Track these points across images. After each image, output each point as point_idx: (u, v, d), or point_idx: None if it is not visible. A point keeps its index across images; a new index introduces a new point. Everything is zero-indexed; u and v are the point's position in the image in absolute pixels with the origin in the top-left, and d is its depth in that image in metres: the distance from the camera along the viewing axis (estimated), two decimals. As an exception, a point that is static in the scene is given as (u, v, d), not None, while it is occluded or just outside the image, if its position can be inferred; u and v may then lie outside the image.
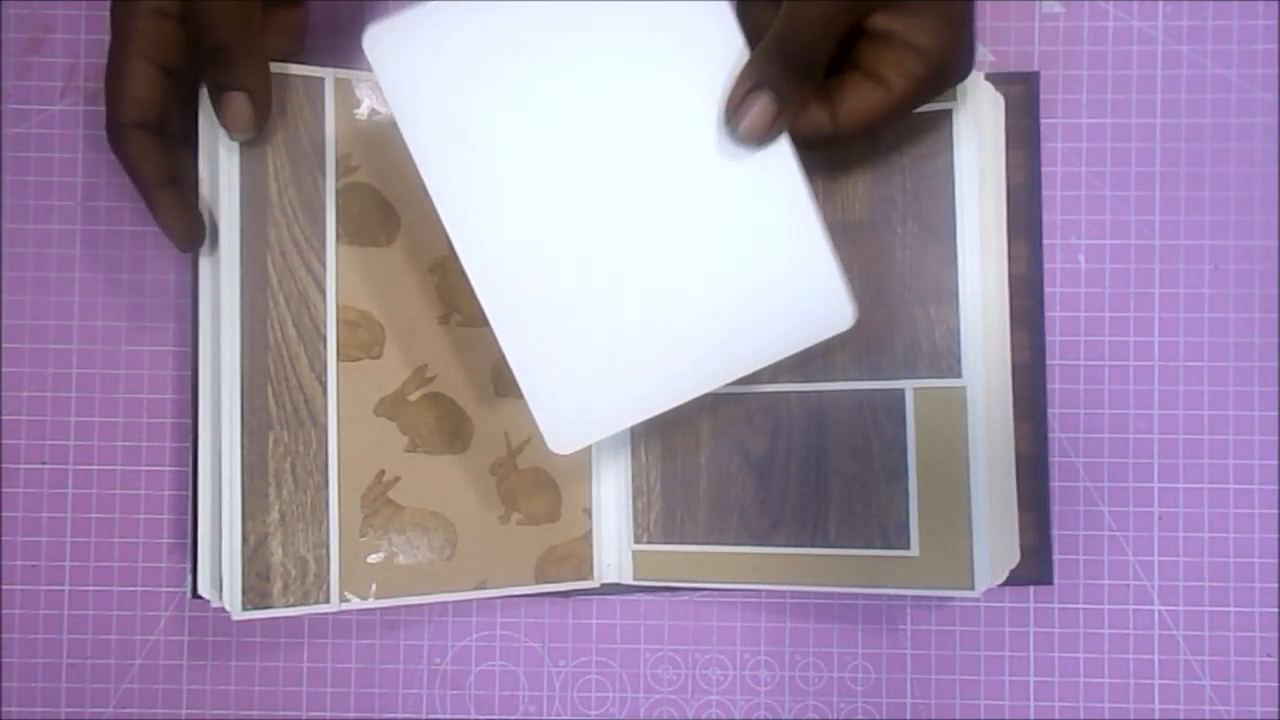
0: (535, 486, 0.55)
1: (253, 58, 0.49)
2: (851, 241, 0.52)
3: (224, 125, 0.49)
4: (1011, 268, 0.54)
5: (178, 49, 0.49)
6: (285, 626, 0.57)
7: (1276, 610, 0.55)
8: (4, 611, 0.57)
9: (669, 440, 0.55)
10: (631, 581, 0.56)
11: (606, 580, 0.56)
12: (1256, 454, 0.55)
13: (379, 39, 0.46)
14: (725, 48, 0.47)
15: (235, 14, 0.47)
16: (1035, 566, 0.55)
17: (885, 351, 0.52)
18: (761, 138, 0.47)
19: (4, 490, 0.57)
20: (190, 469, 0.51)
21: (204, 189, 0.50)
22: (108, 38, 0.49)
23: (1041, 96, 0.56)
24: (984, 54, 0.56)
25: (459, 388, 0.54)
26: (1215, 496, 0.55)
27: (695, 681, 0.57)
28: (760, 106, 0.46)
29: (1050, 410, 0.56)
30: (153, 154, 0.50)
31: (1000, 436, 0.53)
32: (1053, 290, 0.56)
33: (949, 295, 0.51)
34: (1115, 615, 0.56)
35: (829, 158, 0.52)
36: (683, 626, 0.57)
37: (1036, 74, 0.56)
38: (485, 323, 0.54)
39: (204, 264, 0.50)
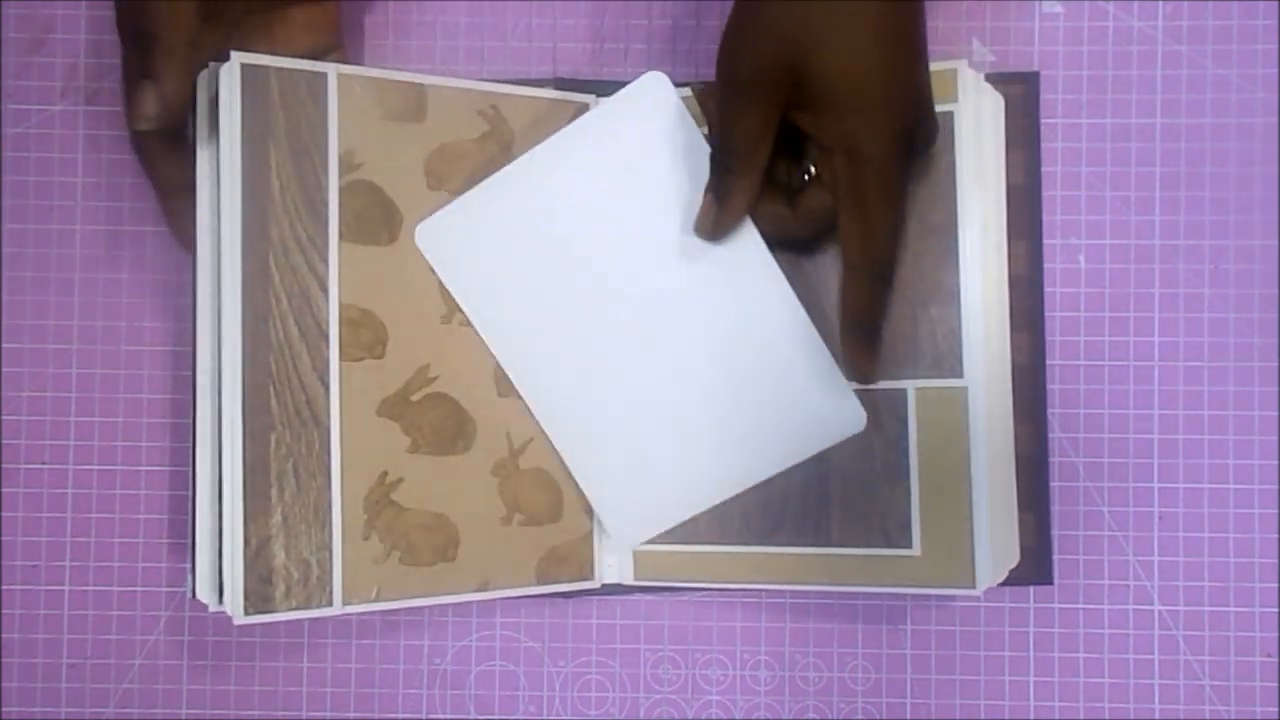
0: (537, 487, 0.55)
1: (174, 53, 0.48)
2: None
3: (126, 111, 0.49)
4: (1011, 268, 0.55)
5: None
6: (285, 627, 0.57)
7: (1276, 610, 0.55)
8: (4, 611, 0.57)
9: (670, 440, 0.55)
10: (632, 582, 0.56)
11: (607, 581, 0.56)
12: (1256, 454, 0.55)
13: (429, 232, 0.53)
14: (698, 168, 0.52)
15: (166, 7, 0.47)
16: (1035, 566, 0.55)
17: (886, 351, 0.52)
18: (708, 232, 0.51)
19: (4, 490, 0.57)
20: (190, 470, 0.51)
21: (204, 186, 0.50)
22: (108, 38, 0.49)
23: (1041, 96, 0.56)
24: (984, 54, 0.56)
25: (462, 388, 0.54)
26: (1215, 496, 0.56)
27: (695, 681, 0.57)
28: (704, 203, 0.51)
29: (1050, 410, 0.56)
30: (170, 160, 0.50)
31: (1000, 436, 0.53)
32: (1053, 290, 0.56)
33: (950, 296, 0.51)
34: (1115, 615, 0.56)
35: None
36: (683, 626, 0.57)
37: (1036, 74, 0.56)
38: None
39: (204, 263, 0.50)
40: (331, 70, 0.51)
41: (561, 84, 0.57)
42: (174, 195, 0.51)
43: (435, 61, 0.57)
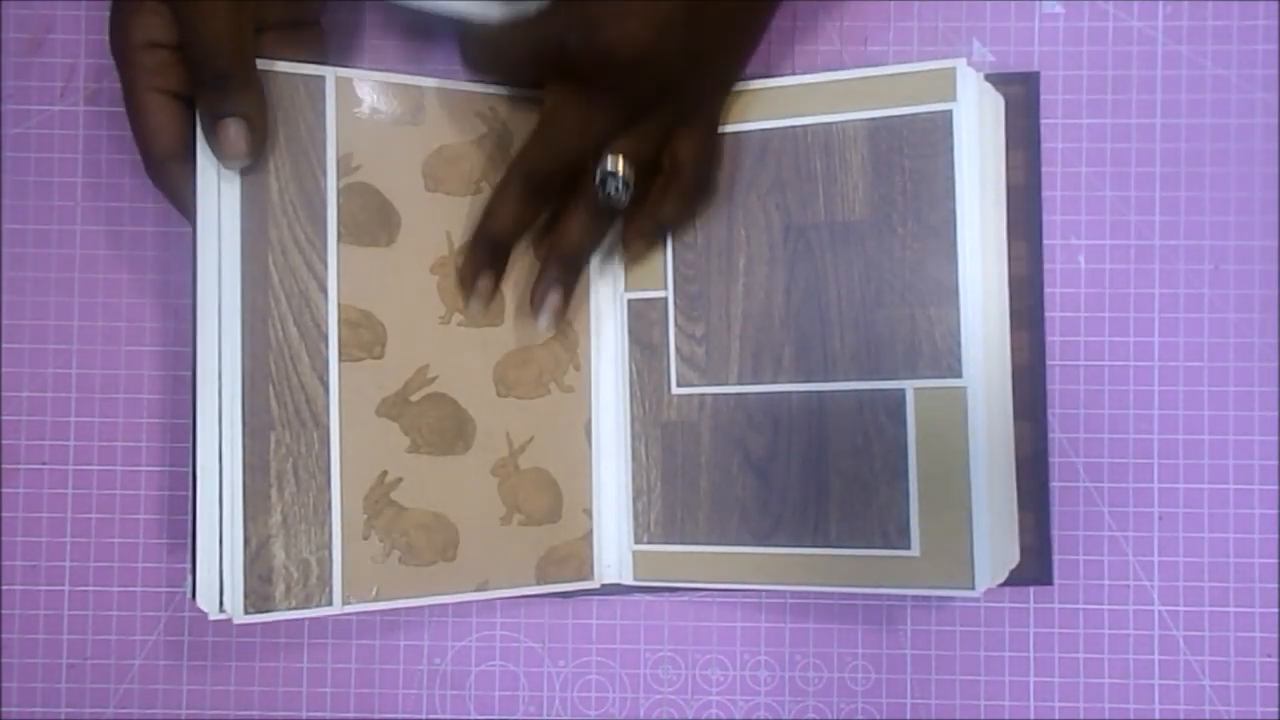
0: (536, 487, 0.55)
1: (250, 84, 0.48)
2: (851, 241, 0.52)
3: (219, 153, 0.48)
4: (1011, 268, 0.54)
5: (183, 75, 0.48)
6: (285, 627, 0.57)
7: (1276, 610, 0.55)
8: (4, 611, 0.57)
9: (669, 440, 0.55)
10: (632, 582, 0.56)
11: (607, 581, 0.56)
12: (1256, 454, 0.55)
13: None
14: None
15: (232, 41, 0.47)
16: (1035, 566, 0.55)
17: (885, 352, 0.52)
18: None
19: (4, 490, 0.57)
20: (190, 470, 0.51)
21: (203, 189, 0.50)
22: (106, 38, 0.49)
23: (1041, 96, 0.56)
24: (984, 54, 0.56)
25: (461, 388, 0.54)
26: (1215, 496, 0.55)
27: (695, 681, 0.57)
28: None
29: (1050, 410, 0.56)
30: (190, 183, 0.49)
31: (1000, 436, 0.53)
32: (1053, 290, 0.56)
33: (949, 295, 0.51)
34: (1115, 615, 0.56)
35: (828, 162, 0.53)
36: (683, 626, 0.57)
37: (1036, 74, 0.56)
38: (486, 323, 0.54)
39: (204, 263, 0.50)
40: (329, 74, 0.51)
41: (561, 84, 0.56)
42: None
43: (435, 61, 0.57)
